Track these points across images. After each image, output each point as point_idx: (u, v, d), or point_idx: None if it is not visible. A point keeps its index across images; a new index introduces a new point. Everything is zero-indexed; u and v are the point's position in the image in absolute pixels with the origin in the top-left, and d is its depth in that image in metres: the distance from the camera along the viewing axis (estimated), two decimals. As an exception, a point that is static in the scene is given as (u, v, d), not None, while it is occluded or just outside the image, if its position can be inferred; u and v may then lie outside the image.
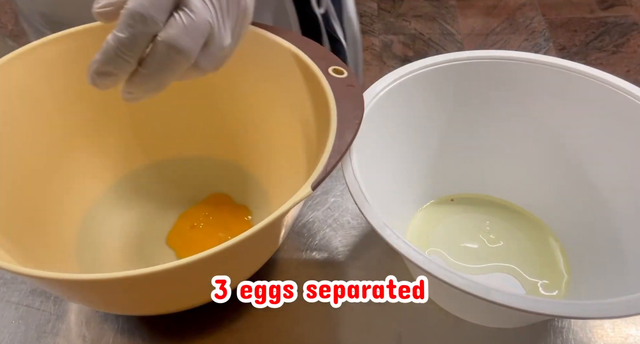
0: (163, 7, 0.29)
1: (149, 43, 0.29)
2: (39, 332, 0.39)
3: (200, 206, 0.47)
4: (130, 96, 0.32)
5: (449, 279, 0.29)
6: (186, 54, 0.30)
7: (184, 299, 0.35)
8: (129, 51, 0.29)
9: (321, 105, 0.37)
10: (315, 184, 0.31)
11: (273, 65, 0.42)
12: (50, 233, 0.41)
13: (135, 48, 0.29)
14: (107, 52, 0.29)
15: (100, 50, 0.29)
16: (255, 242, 0.32)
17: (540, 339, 0.38)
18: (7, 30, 1.46)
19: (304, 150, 0.40)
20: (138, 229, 0.45)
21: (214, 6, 0.30)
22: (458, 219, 0.46)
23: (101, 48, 0.29)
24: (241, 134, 0.47)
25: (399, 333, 0.39)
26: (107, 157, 0.46)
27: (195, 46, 0.30)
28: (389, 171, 0.42)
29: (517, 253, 0.43)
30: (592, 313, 0.28)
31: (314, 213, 0.46)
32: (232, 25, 0.32)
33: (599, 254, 0.41)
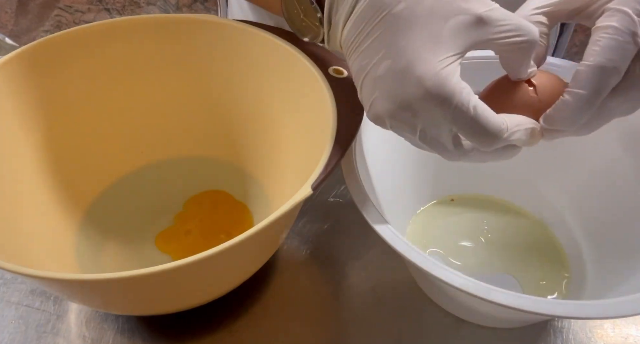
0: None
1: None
2: (39, 332, 0.39)
3: (197, 207, 0.47)
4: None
5: (449, 279, 0.29)
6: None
7: (183, 300, 0.35)
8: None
9: (321, 105, 0.37)
10: (315, 185, 0.31)
11: (273, 66, 0.42)
12: (50, 233, 0.41)
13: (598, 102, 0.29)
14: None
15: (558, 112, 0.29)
16: (255, 243, 0.32)
17: (540, 339, 0.38)
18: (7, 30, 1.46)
19: (304, 150, 0.40)
20: (138, 229, 0.45)
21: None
22: (458, 219, 0.46)
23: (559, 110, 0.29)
24: (241, 134, 0.47)
25: (399, 333, 0.39)
26: (107, 157, 0.46)
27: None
28: (389, 171, 0.42)
29: (516, 253, 0.43)
30: (592, 313, 0.28)
31: (314, 213, 0.46)
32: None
33: (599, 254, 0.41)
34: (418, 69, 0.27)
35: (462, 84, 0.28)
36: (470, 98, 0.27)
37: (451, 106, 0.27)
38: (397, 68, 0.28)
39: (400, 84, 0.28)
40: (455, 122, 0.28)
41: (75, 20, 1.49)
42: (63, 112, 0.43)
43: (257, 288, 0.41)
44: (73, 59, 0.42)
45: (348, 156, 0.36)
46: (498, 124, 0.28)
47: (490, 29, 0.28)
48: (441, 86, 0.27)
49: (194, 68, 0.45)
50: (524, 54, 0.29)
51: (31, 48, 0.40)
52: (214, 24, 0.43)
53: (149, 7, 1.46)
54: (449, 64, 0.27)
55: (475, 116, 0.27)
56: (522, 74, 0.31)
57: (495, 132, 0.28)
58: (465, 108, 0.27)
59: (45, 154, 0.42)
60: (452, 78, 0.27)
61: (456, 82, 0.27)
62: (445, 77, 0.27)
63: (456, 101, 0.27)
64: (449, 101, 0.27)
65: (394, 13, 0.29)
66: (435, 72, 0.27)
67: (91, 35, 0.42)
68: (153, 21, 0.43)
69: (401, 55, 0.28)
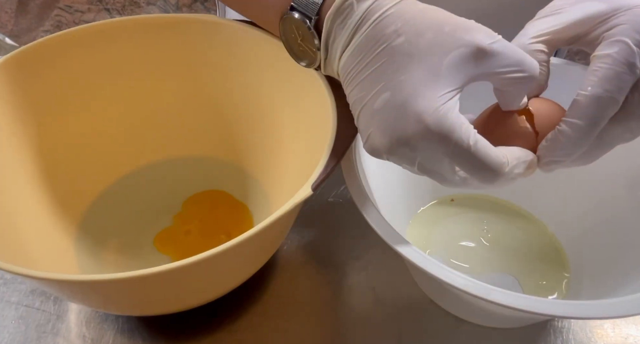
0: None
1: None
2: (38, 332, 0.39)
3: (197, 207, 0.47)
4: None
5: (449, 279, 0.29)
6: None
7: (183, 300, 0.35)
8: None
9: (321, 105, 0.37)
10: (315, 185, 0.31)
11: (273, 66, 0.42)
12: (50, 233, 0.41)
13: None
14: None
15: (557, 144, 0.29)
16: (255, 243, 0.32)
17: (540, 339, 0.38)
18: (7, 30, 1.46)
19: (304, 150, 0.40)
20: (138, 229, 0.45)
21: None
22: (458, 219, 0.46)
23: (555, 141, 0.29)
24: (241, 134, 0.47)
25: (399, 333, 0.39)
26: (107, 157, 0.46)
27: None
28: (389, 171, 0.42)
29: (517, 253, 0.43)
30: (592, 313, 0.28)
31: (314, 213, 0.46)
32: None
33: (599, 254, 0.41)
34: (417, 105, 0.27)
35: (461, 119, 0.27)
36: (469, 134, 0.27)
37: (451, 143, 0.27)
38: (395, 103, 0.28)
39: (398, 120, 0.28)
40: (455, 159, 0.28)
41: (75, 20, 1.49)
42: (62, 113, 0.43)
43: (257, 288, 0.41)
44: (73, 59, 0.42)
45: (348, 156, 0.36)
46: (499, 159, 0.28)
47: (491, 63, 0.27)
48: (440, 122, 0.27)
49: (193, 68, 0.45)
50: (521, 89, 0.29)
51: (31, 48, 0.40)
52: (214, 24, 0.43)
53: (149, 7, 1.46)
54: (449, 100, 0.27)
55: (475, 151, 0.27)
56: (515, 106, 0.31)
57: (496, 168, 0.28)
58: (466, 145, 0.27)
59: (45, 154, 0.42)
60: (451, 114, 0.27)
61: (455, 118, 0.27)
62: (445, 114, 0.27)
63: (456, 137, 0.27)
64: (448, 138, 0.27)
65: (393, 46, 0.28)
66: (434, 109, 0.27)
67: (91, 35, 0.42)
68: (153, 21, 0.43)
69: (400, 90, 0.28)
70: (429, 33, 0.28)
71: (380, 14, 0.29)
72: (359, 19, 0.30)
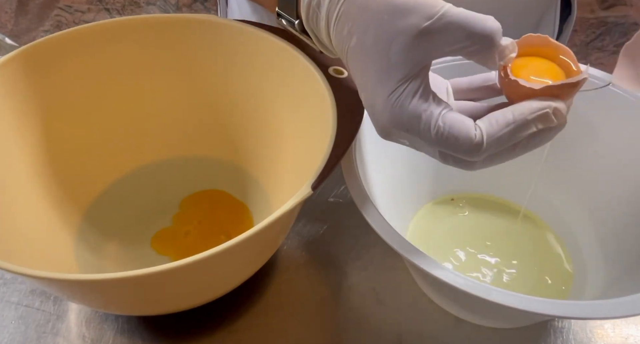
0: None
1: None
2: (38, 332, 0.39)
3: (196, 208, 0.47)
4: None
5: (449, 280, 0.29)
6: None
7: (183, 300, 0.35)
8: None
9: (321, 105, 0.37)
10: (315, 184, 0.31)
11: (273, 66, 0.42)
12: (50, 233, 0.41)
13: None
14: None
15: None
16: (255, 243, 0.32)
17: (540, 339, 0.38)
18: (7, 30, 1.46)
19: (304, 150, 0.40)
20: (138, 229, 0.45)
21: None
22: (458, 219, 0.46)
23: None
24: (241, 134, 0.47)
25: (399, 333, 0.39)
26: (107, 156, 0.46)
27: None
28: (389, 171, 0.42)
29: (518, 253, 0.43)
30: (592, 313, 0.28)
31: (314, 213, 0.46)
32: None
33: (600, 253, 0.41)
34: (377, 105, 0.28)
35: (421, 106, 0.27)
36: (431, 119, 0.27)
37: (417, 132, 0.27)
38: (367, 104, 0.29)
39: (373, 117, 0.29)
40: (429, 145, 0.28)
41: (75, 20, 1.49)
42: (62, 113, 0.43)
43: (257, 288, 0.41)
44: (73, 59, 0.42)
45: (348, 156, 0.36)
46: (469, 137, 0.26)
47: (435, 42, 0.26)
48: (398, 118, 0.27)
49: (193, 68, 0.45)
50: (485, 57, 0.27)
51: (31, 48, 0.40)
52: (214, 24, 0.43)
53: (149, 7, 1.46)
54: (403, 91, 0.27)
55: (441, 135, 0.27)
56: (492, 67, 0.28)
57: (469, 146, 0.26)
58: (429, 131, 0.27)
59: (44, 155, 0.42)
60: (408, 106, 0.27)
61: (412, 109, 0.27)
62: (400, 108, 0.27)
63: (417, 127, 0.27)
64: (412, 129, 0.27)
65: (350, 48, 0.29)
66: (389, 106, 0.27)
67: (91, 35, 0.42)
68: (153, 21, 0.43)
69: (366, 92, 0.29)
70: (372, 28, 0.27)
71: (336, 14, 0.30)
72: (325, 24, 0.31)
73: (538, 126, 0.27)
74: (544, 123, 0.27)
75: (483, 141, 0.26)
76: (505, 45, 0.27)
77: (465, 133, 0.26)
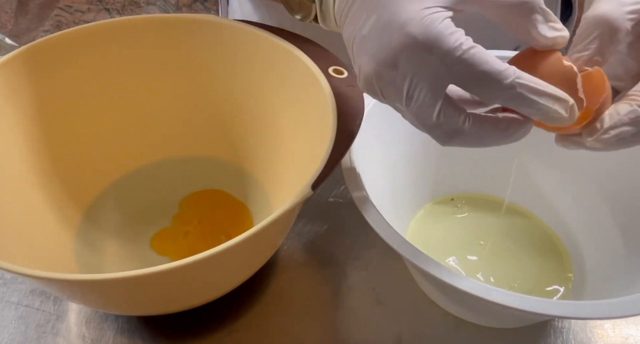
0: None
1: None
2: (38, 332, 0.39)
3: (196, 208, 0.47)
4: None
5: (449, 280, 0.29)
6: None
7: (183, 300, 0.35)
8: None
9: (321, 105, 0.37)
10: (315, 184, 0.31)
11: (273, 66, 0.42)
12: (50, 233, 0.41)
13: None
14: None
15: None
16: (255, 243, 0.32)
17: (540, 339, 0.38)
18: (7, 30, 1.46)
19: (304, 150, 0.40)
20: (137, 229, 0.45)
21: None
22: (458, 218, 0.46)
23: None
24: (241, 134, 0.47)
25: (399, 333, 0.39)
26: (107, 156, 0.46)
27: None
28: (389, 171, 0.42)
29: (517, 253, 0.43)
30: (592, 313, 0.28)
31: (314, 213, 0.46)
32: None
33: (600, 253, 0.41)
34: (401, 17, 0.25)
35: (452, 28, 0.25)
36: (461, 39, 0.25)
37: (440, 50, 0.25)
38: (380, 22, 0.26)
39: (384, 37, 0.26)
40: (447, 68, 0.25)
41: (75, 20, 1.49)
42: (62, 113, 0.43)
43: (257, 288, 0.41)
44: (73, 59, 0.42)
45: (348, 156, 0.36)
46: (499, 66, 0.25)
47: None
48: (426, 30, 0.25)
49: (193, 68, 0.45)
50: (522, 15, 0.26)
51: (31, 48, 0.40)
52: (214, 24, 0.43)
53: (149, 7, 1.46)
54: (435, 13, 0.25)
55: (469, 57, 0.24)
56: (541, 40, 0.26)
57: (495, 75, 0.25)
58: (457, 49, 0.24)
59: (44, 154, 0.42)
60: (438, 23, 0.25)
61: (443, 27, 0.25)
62: (432, 22, 0.25)
63: (445, 43, 0.24)
64: (437, 45, 0.25)
65: None
66: (420, 18, 0.25)
67: (91, 35, 0.42)
68: (153, 21, 0.43)
69: (385, 10, 0.26)
70: None
71: None
72: None
73: (548, 106, 0.26)
74: (554, 109, 0.26)
75: (511, 77, 0.25)
76: (551, 15, 0.26)
77: (493, 61, 0.25)
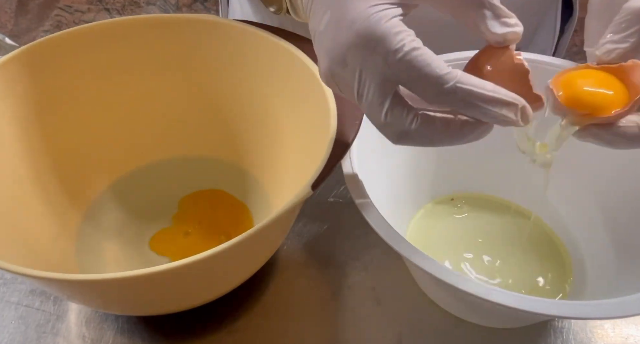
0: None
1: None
2: (38, 332, 0.39)
3: (196, 208, 0.47)
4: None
5: (449, 280, 0.29)
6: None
7: (183, 300, 0.35)
8: None
9: (321, 105, 0.37)
10: (315, 184, 0.31)
11: (273, 66, 0.42)
12: (50, 233, 0.41)
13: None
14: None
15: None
16: (255, 243, 0.32)
17: (540, 339, 0.38)
18: (7, 30, 1.46)
19: (304, 150, 0.40)
20: (138, 229, 0.45)
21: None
22: (458, 218, 0.46)
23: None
24: (241, 134, 0.47)
25: (399, 333, 0.39)
26: (107, 156, 0.46)
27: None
28: (389, 171, 0.42)
29: (517, 253, 0.43)
30: (592, 313, 0.28)
31: (314, 213, 0.46)
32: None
33: (600, 253, 0.41)
34: (350, 14, 0.26)
35: (398, 27, 0.25)
36: (404, 40, 0.25)
37: (383, 50, 0.25)
38: (334, 19, 0.27)
39: (335, 34, 0.27)
40: (391, 69, 0.25)
41: (75, 20, 1.49)
42: (62, 113, 0.43)
43: (257, 288, 0.41)
44: (73, 59, 0.42)
45: (348, 156, 0.36)
46: (439, 69, 0.25)
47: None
48: (371, 29, 0.25)
49: (193, 68, 0.45)
50: (471, 8, 0.26)
51: (31, 48, 0.40)
52: (214, 24, 0.43)
53: (149, 7, 1.46)
54: (383, 10, 0.25)
55: (410, 58, 0.25)
56: (490, 36, 0.26)
57: (435, 78, 0.25)
58: (399, 50, 0.25)
59: (44, 154, 0.42)
60: (385, 22, 0.25)
61: (389, 26, 0.25)
62: (378, 20, 0.25)
63: (389, 44, 0.25)
64: (381, 44, 0.25)
65: None
66: (367, 16, 0.25)
67: (91, 35, 0.42)
68: (153, 21, 0.43)
69: (338, 6, 0.27)
70: None
71: None
72: None
73: (495, 111, 0.25)
74: (502, 113, 0.25)
75: (451, 81, 0.25)
76: (503, 9, 0.26)
77: (437, 63, 0.25)
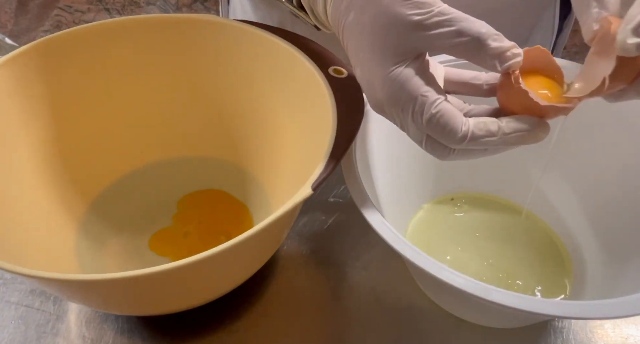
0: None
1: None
2: (38, 332, 0.39)
3: (195, 208, 0.47)
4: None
5: (449, 279, 0.29)
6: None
7: (183, 300, 0.35)
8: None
9: (321, 105, 0.37)
10: (315, 185, 0.31)
11: (273, 66, 0.42)
12: (50, 232, 0.41)
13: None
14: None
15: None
16: (255, 243, 0.32)
17: (540, 339, 0.38)
18: (7, 30, 1.46)
19: (304, 150, 0.40)
20: (139, 229, 0.45)
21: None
22: (458, 218, 0.46)
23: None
24: (241, 134, 0.47)
25: (399, 332, 0.39)
26: (107, 157, 0.46)
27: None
28: (389, 171, 0.42)
29: (517, 253, 0.43)
30: (592, 313, 0.28)
31: (314, 213, 0.46)
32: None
33: (600, 253, 0.41)
34: (375, 81, 0.29)
35: (420, 89, 0.28)
36: (425, 104, 0.28)
37: (409, 113, 0.29)
38: (364, 77, 0.31)
39: (369, 90, 0.31)
40: (417, 127, 0.29)
41: (75, 20, 1.49)
42: (62, 113, 0.43)
43: (257, 288, 0.41)
44: (73, 59, 0.42)
45: (348, 156, 0.36)
46: (457, 130, 0.28)
47: (427, 35, 0.28)
48: (395, 96, 0.29)
49: (193, 68, 0.45)
50: (474, 54, 0.28)
51: (31, 48, 0.40)
52: (214, 24, 0.43)
53: (149, 7, 1.46)
54: (402, 71, 0.28)
55: (433, 121, 0.28)
56: (496, 69, 0.29)
57: (454, 137, 0.28)
58: (424, 115, 0.28)
59: (45, 154, 0.42)
60: (406, 87, 0.28)
61: (411, 90, 0.28)
62: (399, 88, 0.28)
63: (415, 108, 0.28)
64: (406, 109, 0.29)
65: (347, 24, 0.30)
66: (390, 82, 0.29)
67: (91, 35, 0.42)
68: (153, 21, 0.43)
69: (361, 67, 0.30)
70: (370, 7, 0.29)
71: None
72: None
73: (513, 144, 0.29)
74: (520, 143, 0.29)
75: (467, 137, 0.28)
76: (500, 48, 0.28)
77: (454, 125, 0.28)
